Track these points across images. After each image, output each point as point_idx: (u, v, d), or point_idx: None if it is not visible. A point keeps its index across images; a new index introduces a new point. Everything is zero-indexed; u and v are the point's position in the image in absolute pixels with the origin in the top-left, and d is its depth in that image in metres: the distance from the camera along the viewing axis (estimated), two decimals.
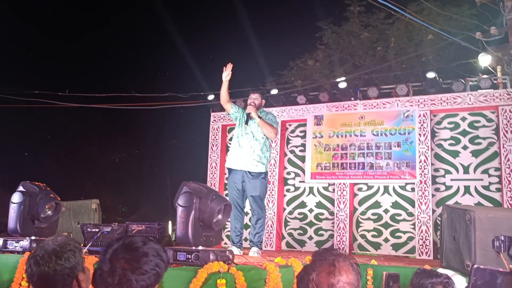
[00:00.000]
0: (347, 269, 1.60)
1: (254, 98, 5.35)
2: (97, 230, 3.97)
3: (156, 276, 1.39)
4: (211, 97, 8.53)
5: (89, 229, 4.07)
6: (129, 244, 1.38)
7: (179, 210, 3.38)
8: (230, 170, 5.38)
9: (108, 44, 16.35)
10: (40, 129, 15.64)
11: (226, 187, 8.33)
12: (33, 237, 4.14)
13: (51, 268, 1.78)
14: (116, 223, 4.02)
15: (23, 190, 4.31)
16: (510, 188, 6.43)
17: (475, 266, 1.47)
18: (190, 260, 3.29)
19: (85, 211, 10.33)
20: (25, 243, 4.07)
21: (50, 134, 16.21)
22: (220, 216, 3.48)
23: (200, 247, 3.34)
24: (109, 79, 15.43)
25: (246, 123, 5.27)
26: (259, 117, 5.18)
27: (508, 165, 6.50)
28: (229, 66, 5.30)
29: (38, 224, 4.34)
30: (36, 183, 4.40)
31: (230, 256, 3.46)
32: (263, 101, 5.49)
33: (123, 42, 16.64)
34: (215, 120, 8.58)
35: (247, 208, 5.48)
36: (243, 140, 5.28)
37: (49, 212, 4.35)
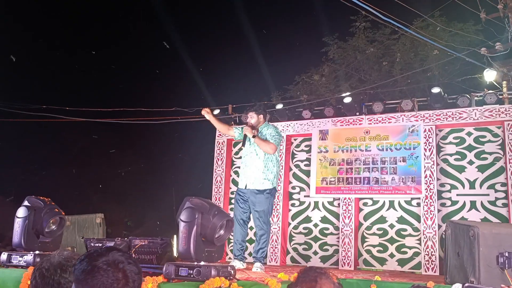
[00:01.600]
0: (328, 286, 1.67)
1: (249, 117, 5.36)
2: (100, 245, 3.98)
3: (138, 283, 1.43)
4: (216, 111, 8.58)
5: (92, 244, 4.09)
6: (113, 261, 1.40)
7: (181, 225, 3.39)
8: (238, 188, 5.38)
9: (115, 59, 16.54)
10: (46, 143, 15.77)
11: (232, 201, 8.34)
12: (37, 252, 4.16)
13: (56, 281, 1.81)
14: (119, 238, 4.03)
15: (28, 204, 4.35)
16: None
17: (466, 284, 1.47)
18: (191, 276, 3.28)
19: (89, 225, 10.36)
20: (29, 257, 4.08)
21: (57, 148, 16.34)
22: (222, 232, 3.48)
23: (202, 263, 3.34)
24: (116, 93, 15.59)
25: (243, 144, 5.27)
26: (254, 135, 5.13)
27: None
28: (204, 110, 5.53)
29: (43, 238, 4.36)
30: (41, 197, 4.43)
31: (232, 271, 3.45)
32: (261, 115, 5.36)
33: (130, 57, 16.82)
34: (220, 135, 8.61)
35: (252, 223, 5.45)
36: (248, 159, 5.28)
37: (53, 227, 4.37)
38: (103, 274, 1.34)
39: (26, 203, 4.36)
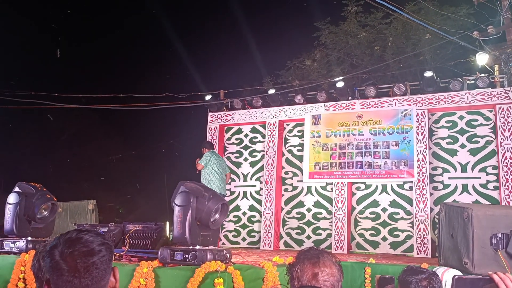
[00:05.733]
0: (330, 263, 1.71)
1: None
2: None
3: (110, 249, 1.39)
4: (208, 97, 8.51)
5: None
6: (69, 238, 1.36)
7: (176, 209, 3.36)
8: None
9: (105, 45, 16.30)
10: (36, 130, 15.57)
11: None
12: (29, 238, 4.12)
13: None
14: (113, 223, 3.99)
15: (19, 191, 4.28)
16: (507, 186, 6.43)
17: (456, 276, 1.46)
18: (187, 260, 3.27)
19: (82, 211, 10.29)
20: (21, 244, 4.04)
21: (47, 135, 16.15)
22: (217, 216, 3.46)
23: (198, 247, 3.33)
24: (106, 79, 15.40)
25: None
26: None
27: (506, 163, 6.50)
28: None
29: (35, 224, 4.31)
30: (32, 183, 4.37)
31: (228, 255, 3.44)
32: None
33: (120, 43, 16.59)
34: (212, 120, 8.56)
35: (245, 209, 5.47)
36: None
37: (45, 213, 4.32)
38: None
39: (17, 189, 4.29)
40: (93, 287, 1.32)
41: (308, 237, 7.55)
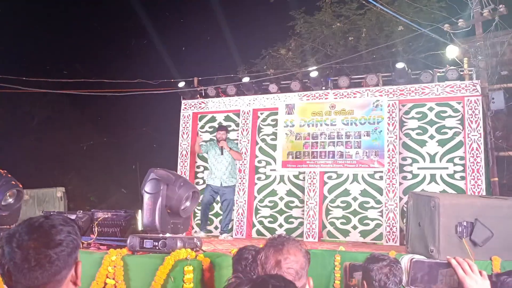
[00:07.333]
0: (295, 250, 1.69)
1: (222, 133, 7.01)
2: (61, 218, 3.85)
3: (74, 243, 1.28)
4: (181, 84, 8.41)
5: None
6: (30, 225, 1.27)
7: (146, 197, 3.33)
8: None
9: (76, 28, 15.88)
10: (3, 115, 15.10)
11: (198, 175, 8.30)
12: None
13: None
14: (81, 211, 3.92)
15: None
16: (473, 176, 6.62)
17: (414, 259, 1.48)
18: (157, 248, 3.24)
19: (50, 199, 10.09)
20: None
21: (14, 121, 15.69)
22: (188, 203, 3.44)
23: (168, 234, 3.30)
24: (77, 64, 15.03)
25: (222, 153, 6.94)
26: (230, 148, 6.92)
27: (472, 154, 6.68)
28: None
29: None
30: None
31: (198, 243, 3.43)
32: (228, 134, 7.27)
33: (91, 26, 16.18)
34: (185, 108, 8.48)
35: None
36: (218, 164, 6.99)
37: (10, 200, 4.20)
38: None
39: None
40: (44, 281, 1.23)
41: (280, 226, 7.62)
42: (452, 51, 7.44)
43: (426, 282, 1.42)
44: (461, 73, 7.12)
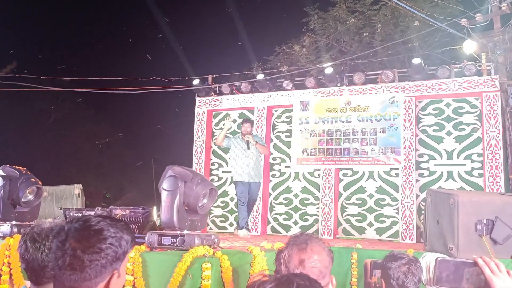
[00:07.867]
0: (319, 249, 1.68)
1: (246, 126, 6.61)
2: (79, 215, 3.90)
3: (113, 255, 1.25)
4: (196, 81, 8.44)
5: (71, 214, 4.01)
6: (82, 224, 1.26)
7: (164, 194, 3.33)
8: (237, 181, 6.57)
9: (92, 29, 16.03)
10: (21, 114, 15.32)
11: (213, 172, 8.32)
12: (14, 222, 4.06)
13: (47, 247, 1.77)
14: (100, 208, 3.96)
15: (3, 174, 4.21)
16: (492, 173, 6.52)
17: (439, 258, 1.46)
18: (175, 245, 3.25)
19: (68, 196, 10.22)
20: (5, 228, 3.98)
21: (31, 119, 15.90)
22: (205, 200, 3.44)
23: (185, 231, 3.31)
24: (93, 63, 15.17)
25: (248, 147, 6.52)
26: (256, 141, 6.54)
27: (491, 150, 6.58)
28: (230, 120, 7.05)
29: (19, 209, 4.24)
30: (17, 167, 4.29)
31: (216, 240, 3.44)
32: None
33: (107, 26, 16.32)
34: (200, 105, 8.50)
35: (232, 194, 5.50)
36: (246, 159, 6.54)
37: (30, 197, 4.25)
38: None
39: (0, 172, 4.22)
40: (71, 284, 1.23)
41: (295, 223, 7.60)
42: (469, 46, 7.31)
43: (452, 281, 1.40)
44: (479, 68, 7.00)
